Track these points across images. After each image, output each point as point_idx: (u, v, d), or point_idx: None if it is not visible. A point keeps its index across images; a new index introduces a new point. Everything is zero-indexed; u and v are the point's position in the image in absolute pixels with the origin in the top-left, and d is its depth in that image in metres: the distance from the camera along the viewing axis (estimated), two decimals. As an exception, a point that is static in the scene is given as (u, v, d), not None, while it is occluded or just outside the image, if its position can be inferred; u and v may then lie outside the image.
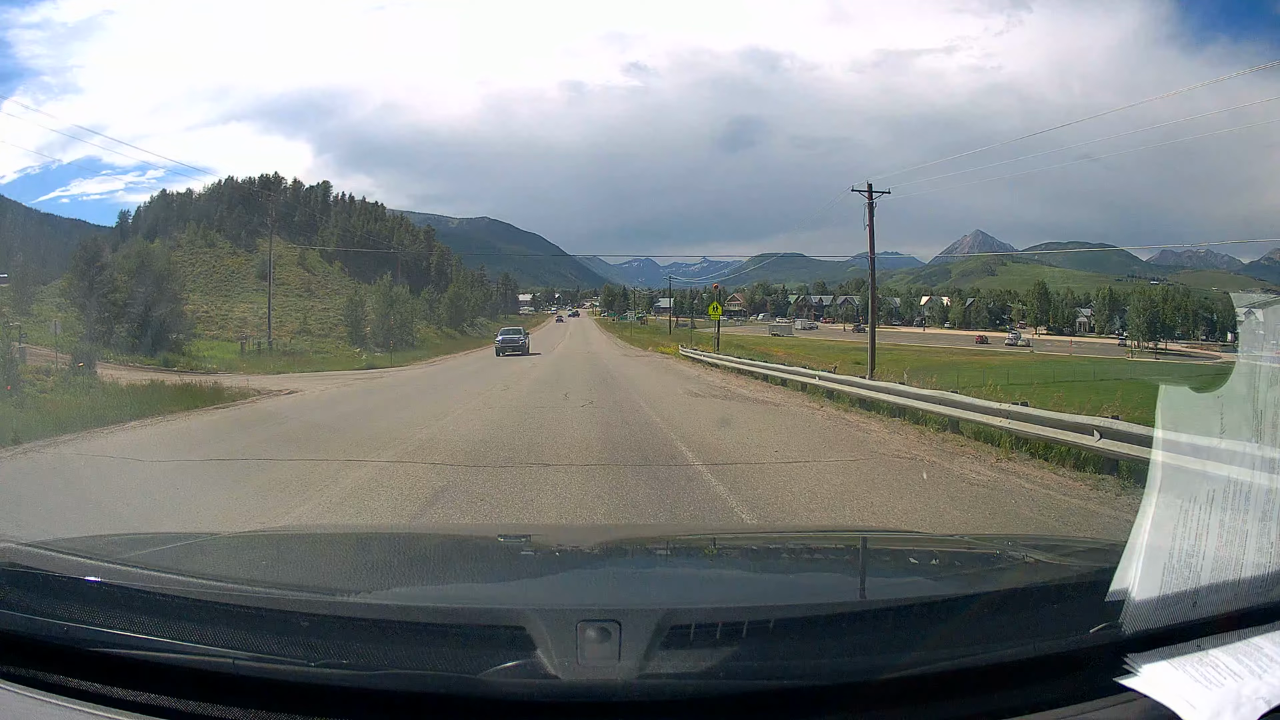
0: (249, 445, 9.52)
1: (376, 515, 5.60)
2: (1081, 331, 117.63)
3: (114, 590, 1.29)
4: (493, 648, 1.13)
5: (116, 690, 1.16)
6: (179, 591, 1.29)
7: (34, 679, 1.18)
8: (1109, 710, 1.11)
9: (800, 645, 1.19)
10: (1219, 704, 1.04)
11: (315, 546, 2.18)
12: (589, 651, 1.10)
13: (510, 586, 1.74)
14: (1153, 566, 1.15)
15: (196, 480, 7.25)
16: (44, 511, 5.93)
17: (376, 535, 2.94)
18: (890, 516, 5.81)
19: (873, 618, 1.25)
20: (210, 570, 1.66)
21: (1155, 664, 1.12)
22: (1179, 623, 1.15)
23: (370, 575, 1.80)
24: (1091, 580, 1.25)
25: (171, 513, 5.75)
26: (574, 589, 1.73)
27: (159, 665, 1.17)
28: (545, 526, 4.75)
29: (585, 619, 1.14)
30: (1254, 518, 1.17)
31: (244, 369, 28.62)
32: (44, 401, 12.20)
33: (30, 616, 1.23)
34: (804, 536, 2.93)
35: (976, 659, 1.17)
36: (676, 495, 6.33)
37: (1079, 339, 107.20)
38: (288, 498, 6.18)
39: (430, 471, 7.26)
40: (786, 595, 1.61)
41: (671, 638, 1.12)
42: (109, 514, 5.70)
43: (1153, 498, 1.19)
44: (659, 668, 1.09)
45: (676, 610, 1.20)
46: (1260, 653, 1.11)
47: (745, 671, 1.14)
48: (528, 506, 5.93)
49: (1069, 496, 6.58)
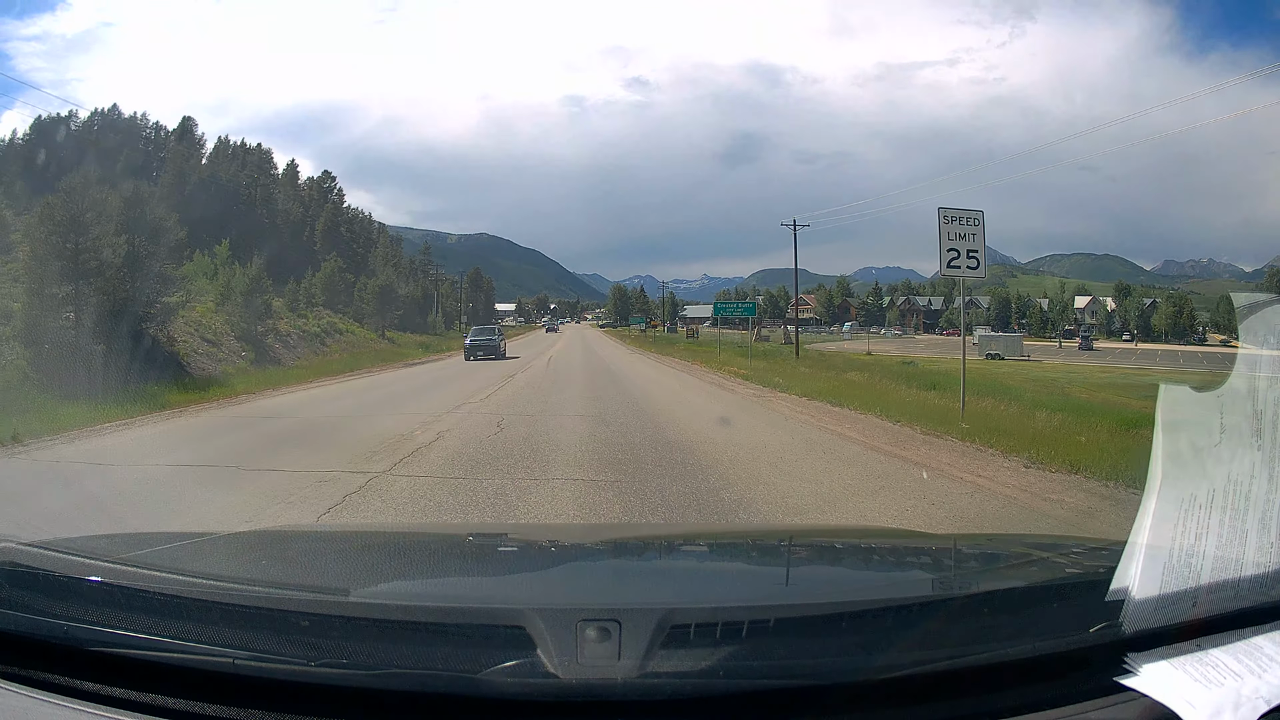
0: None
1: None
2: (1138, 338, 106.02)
3: (114, 590, 1.29)
4: (492, 647, 1.13)
5: (116, 690, 1.17)
6: (179, 591, 1.29)
7: (34, 679, 1.19)
8: (1109, 710, 1.11)
9: (800, 644, 1.19)
10: (1219, 703, 1.04)
11: (315, 546, 2.18)
12: (589, 651, 1.10)
13: (510, 586, 1.74)
14: (1153, 566, 1.15)
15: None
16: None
17: (376, 535, 2.94)
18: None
19: (873, 617, 1.25)
20: (210, 570, 1.66)
21: (1155, 663, 1.12)
22: (1179, 622, 1.15)
23: (370, 574, 1.80)
24: (1091, 579, 1.25)
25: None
26: (574, 588, 1.73)
27: (159, 665, 1.17)
28: (545, 526, 4.74)
29: (585, 618, 1.14)
30: (1254, 517, 1.17)
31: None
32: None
33: (30, 616, 1.23)
34: (804, 536, 2.93)
35: (976, 658, 1.17)
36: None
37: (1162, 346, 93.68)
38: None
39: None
40: (787, 594, 1.61)
41: (672, 637, 1.12)
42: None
43: (1152, 497, 1.19)
44: (659, 667, 1.09)
45: (676, 609, 1.20)
46: (1260, 652, 1.11)
47: (745, 671, 1.14)
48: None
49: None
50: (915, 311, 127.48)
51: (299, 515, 5.54)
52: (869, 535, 3.12)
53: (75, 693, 1.17)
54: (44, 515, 5.80)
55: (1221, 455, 1.20)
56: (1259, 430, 1.19)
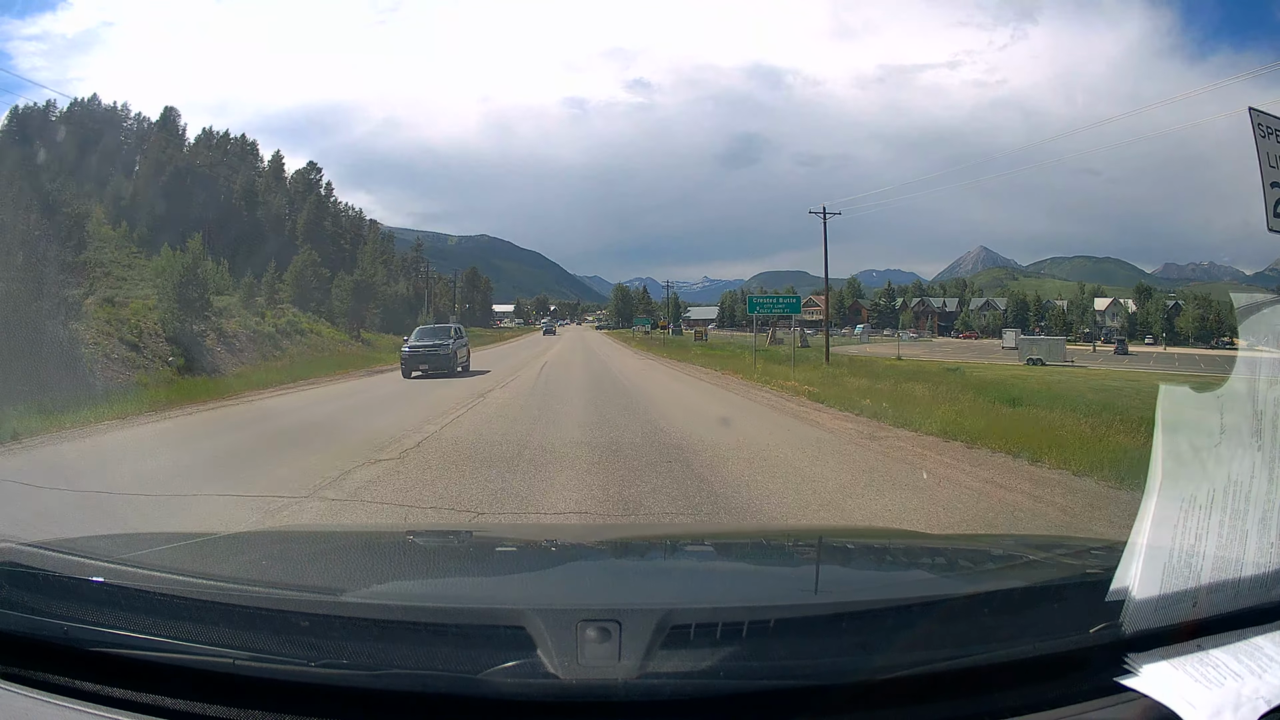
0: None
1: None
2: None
3: (114, 590, 1.29)
4: (492, 647, 1.13)
5: (116, 690, 1.17)
6: (179, 591, 1.29)
7: (34, 679, 1.19)
8: (1109, 710, 1.11)
9: (800, 645, 1.19)
10: (1219, 704, 1.04)
11: (315, 546, 2.18)
12: (589, 651, 1.10)
13: (510, 586, 1.74)
14: (1153, 566, 1.15)
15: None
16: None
17: (376, 535, 2.93)
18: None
19: (873, 617, 1.25)
20: (210, 570, 1.66)
21: (1155, 664, 1.12)
22: (1179, 622, 1.15)
23: (370, 575, 1.80)
24: (1092, 580, 1.25)
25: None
26: (574, 588, 1.73)
27: (159, 665, 1.17)
28: (545, 526, 4.74)
29: (585, 618, 1.14)
30: (1254, 518, 1.17)
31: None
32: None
33: (30, 616, 1.23)
34: (805, 536, 2.92)
35: (976, 659, 1.16)
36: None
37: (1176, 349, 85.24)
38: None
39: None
40: (787, 594, 1.60)
41: (672, 637, 1.12)
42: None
43: (1153, 498, 1.19)
44: (659, 667, 1.09)
45: (677, 610, 1.20)
46: (1260, 652, 1.11)
47: (746, 671, 1.13)
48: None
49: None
50: (930, 313, 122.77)
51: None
52: (869, 536, 3.12)
53: (75, 693, 1.17)
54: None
55: (1221, 455, 1.20)
56: (1259, 430, 1.19)
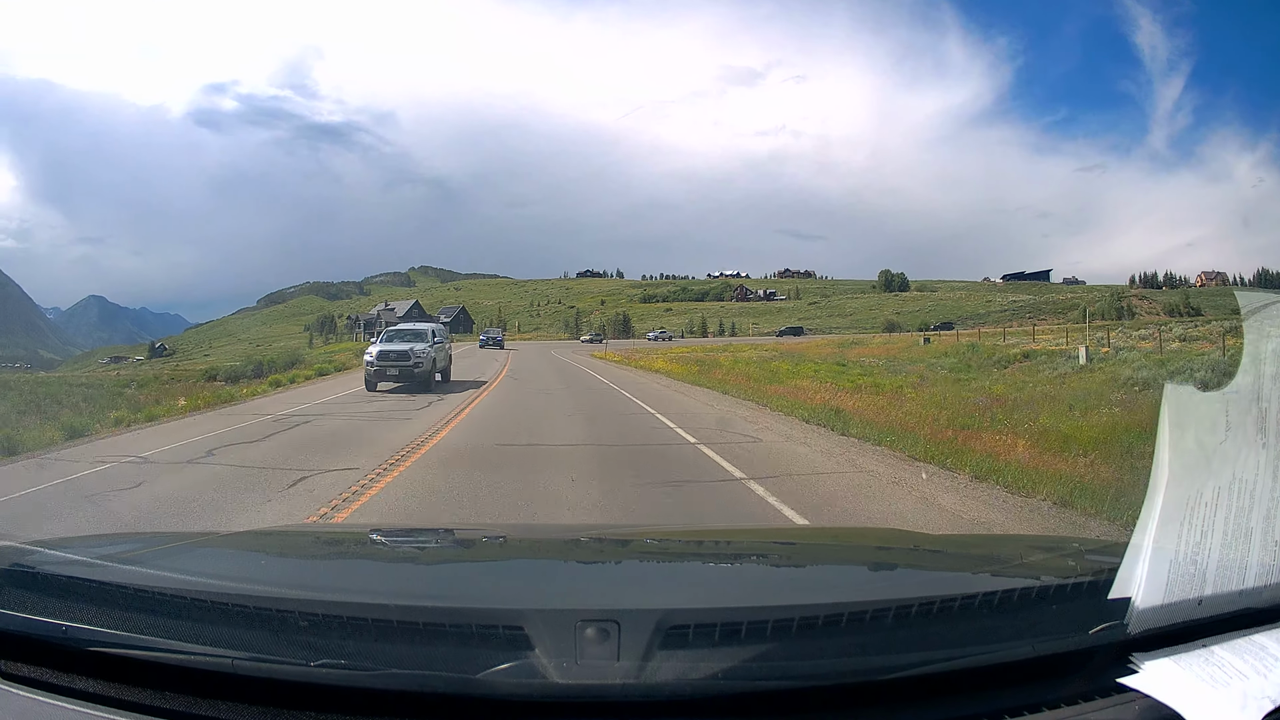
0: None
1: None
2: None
3: (113, 590, 1.29)
4: (492, 648, 1.13)
5: (116, 690, 1.16)
6: (178, 591, 1.28)
7: (34, 679, 1.18)
8: (1113, 710, 1.10)
9: (799, 645, 1.18)
10: (1224, 703, 1.03)
11: (315, 546, 2.17)
12: (588, 652, 1.10)
13: (509, 586, 1.73)
14: (1158, 566, 1.14)
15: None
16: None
17: (376, 535, 2.93)
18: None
19: (872, 618, 1.24)
20: (209, 570, 1.66)
21: (1160, 663, 1.11)
22: (1184, 622, 1.14)
23: (369, 575, 1.80)
24: (1095, 580, 1.24)
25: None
26: (573, 589, 1.72)
27: (159, 665, 1.16)
28: (545, 526, 4.74)
29: (584, 619, 1.13)
30: (1259, 516, 1.16)
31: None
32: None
33: (30, 616, 1.23)
34: (804, 537, 2.91)
35: (976, 659, 1.16)
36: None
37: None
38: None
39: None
40: (785, 595, 1.59)
41: (670, 638, 1.11)
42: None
43: (1158, 496, 1.18)
44: (657, 668, 1.09)
45: (675, 610, 1.19)
46: (1265, 652, 1.11)
47: (744, 672, 1.13)
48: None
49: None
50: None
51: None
52: (868, 536, 3.11)
53: (75, 693, 1.16)
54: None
55: (1227, 453, 1.19)
56: (1264, 428, 1.18)
